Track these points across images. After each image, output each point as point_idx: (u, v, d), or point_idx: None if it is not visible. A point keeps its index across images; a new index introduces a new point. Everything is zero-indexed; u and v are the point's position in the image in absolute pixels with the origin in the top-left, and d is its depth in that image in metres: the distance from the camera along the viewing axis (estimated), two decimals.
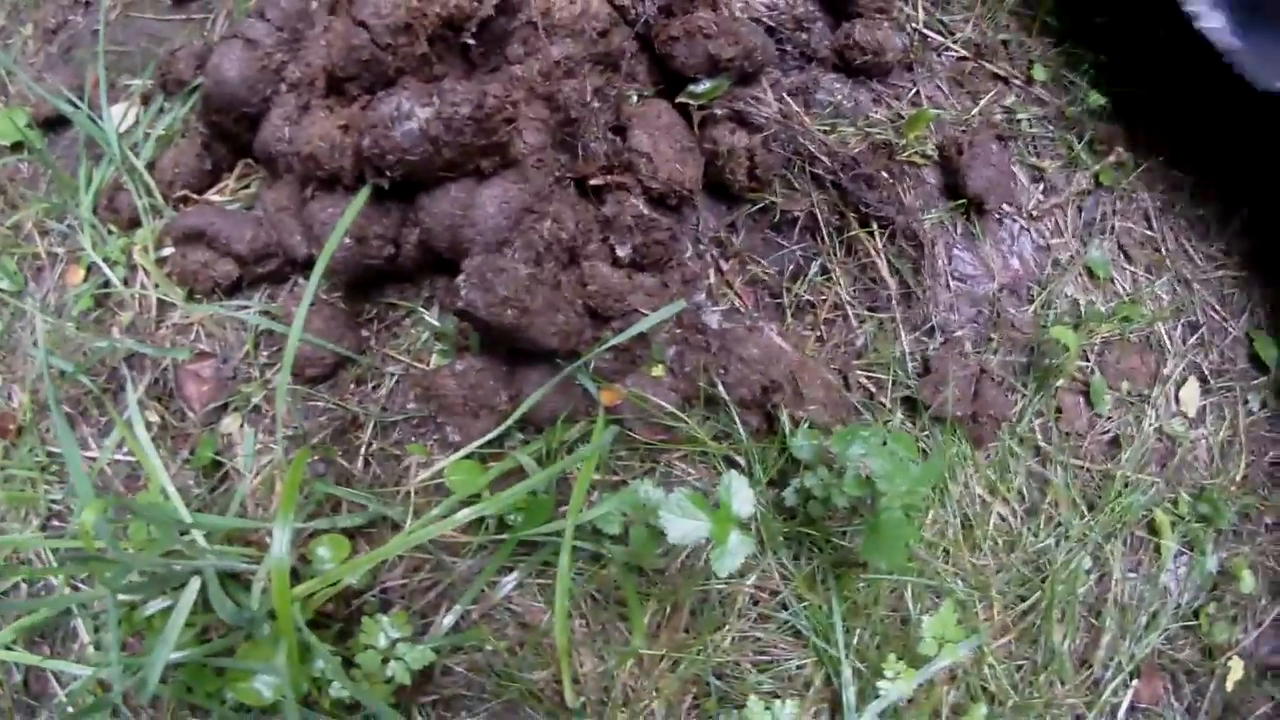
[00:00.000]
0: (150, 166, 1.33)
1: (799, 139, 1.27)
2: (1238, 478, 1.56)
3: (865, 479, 1.08)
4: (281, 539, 1.01)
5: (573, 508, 1.09)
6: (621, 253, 1.19)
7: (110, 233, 1.33)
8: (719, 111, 1.26)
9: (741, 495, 1.06)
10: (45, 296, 1.35)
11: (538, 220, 1.17)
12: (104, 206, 1.32)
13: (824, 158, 1.28)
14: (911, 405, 1.29)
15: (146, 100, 1.38)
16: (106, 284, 1.31)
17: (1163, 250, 1.54)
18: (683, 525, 1.04)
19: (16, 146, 1.44)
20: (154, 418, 1.26)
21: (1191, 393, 1.55)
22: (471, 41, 1.18)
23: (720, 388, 1.20)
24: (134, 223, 1.31)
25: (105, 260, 1.30)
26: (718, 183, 1.27)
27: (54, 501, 1.33)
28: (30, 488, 1.33)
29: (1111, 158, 1.50)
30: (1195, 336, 1.56)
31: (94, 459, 1.30)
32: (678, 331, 1.22)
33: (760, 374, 1.20)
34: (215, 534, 1.16)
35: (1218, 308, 1.60)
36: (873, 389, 1.28)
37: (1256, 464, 1.61)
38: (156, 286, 1.28)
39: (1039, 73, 1.47)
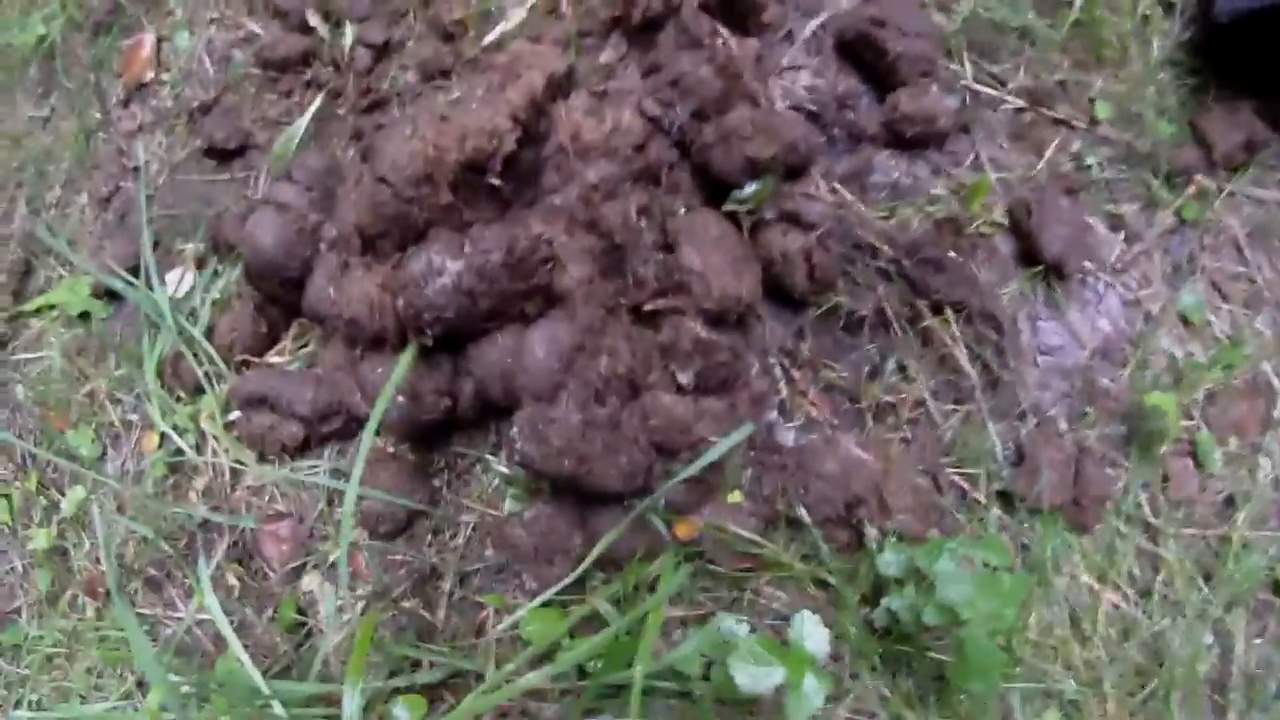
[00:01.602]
0: (209, 332, 1.27)
1: (856, 231, 1.14)
2: None
3: (946, 607, 0.97)
4: (351, 706, 0.94)
5: (640, 656, 0.99)
6: (683, 380, 1.09)
7: (178, 400, 1.28)
8: (769, 214, 1.14)
9: (815, 635, 0.97)
10: (123, 464, 1.31)
11: (592, 357, 1.07)
12: (169, 374, 1.27)
13: (885, 247, 1.15)
14: (1008, 499, 1.16)
15: (201, 263, 1.33)
16: (180, 451, 1.26)
17: (1259, 280, 1.36)
18: (754, 673, 0.95)
19: (84, 315, 1.40)
20: (234, 580, 1.21)
21: None
22: (498, 182, 1.09)
23: (801, 509, 1.08)
24: (198, 389, 1.25)
25: (175, 428, 1.25)
26: (778, 289, 1.15)
27: None
28: (124, 647, 1.29)
29: (1191, 189, 1.33)
30: None
31: (180, 618, 1.25)
32: (751, 454, 1.11)
33: (842, 490, 1.09)
34: (295, 697, 1.10)
35: None
36: (966, 486, 1.15)
37: None
38: (227, 452, 1.22)
39: (1102, 110, 1.30)
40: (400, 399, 1.08)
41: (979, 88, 1.26)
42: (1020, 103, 1.28)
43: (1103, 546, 1.18)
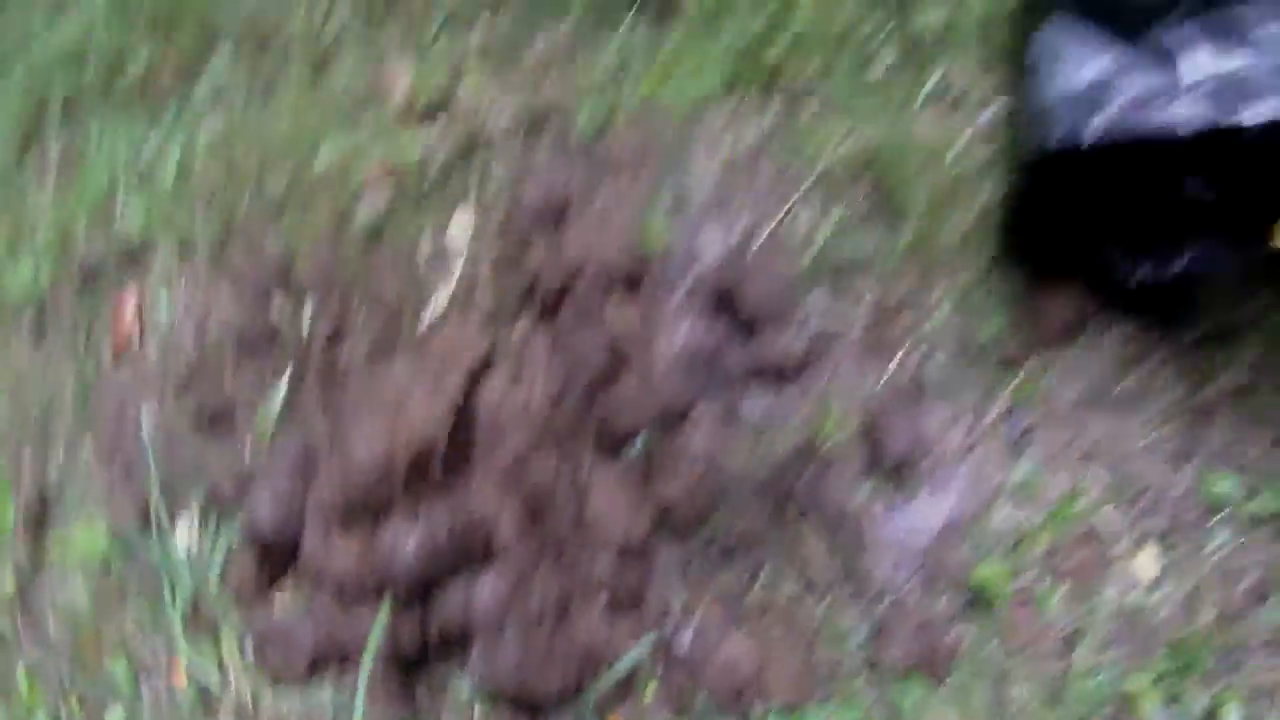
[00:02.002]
0: (221, 574, 1.84)
1: (731, 462, 1.70)
2: (1211, 620, 1.91)
3: None
4: None
5: None
6: (600, 604, 1.65)
7: (200, 632, 1.85)
8: (659, 458, 1.70)
9: None
10: (157, 691, 1.88)
11: (527, 595, 1.64)
12: (189, 616, 1.85)
13: (756, 472, 1.71)
14: (873, 665, 1.72)
15: (205, 514, 1.90)
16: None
17: (1091, 439, 1.91)
18: None
19: (103, 558, 1.97)
20: None
21: (1148, 559, 1.90)
22: (440, 467, 1.66)
23: (700, 698, 1.65)
24: (216, 628, 1.83)
25: (199, 663, 1.83)
26: (671, 520, 1.71)
27: None
28: None
29: (1023, 372, 1.87)
30: (1140, 504, 1.91)
31: None
32: (659, 656, 1.68)
33: (731, 678, 1.65)
34: None
35: (1159, 468, 1.94)
36: (836, 660, 1.71)
37: (1229, 597, 1.94)
38: (248, 683, 1.80)
39: (940, 315, 1.85)
40: (380, 643, 1.65)
41: (832, 316, 1.82)
42: (868, 322, 1.83)
43: (957, 694, 1.74)
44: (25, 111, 2.58)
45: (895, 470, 1.78)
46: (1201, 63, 1.64)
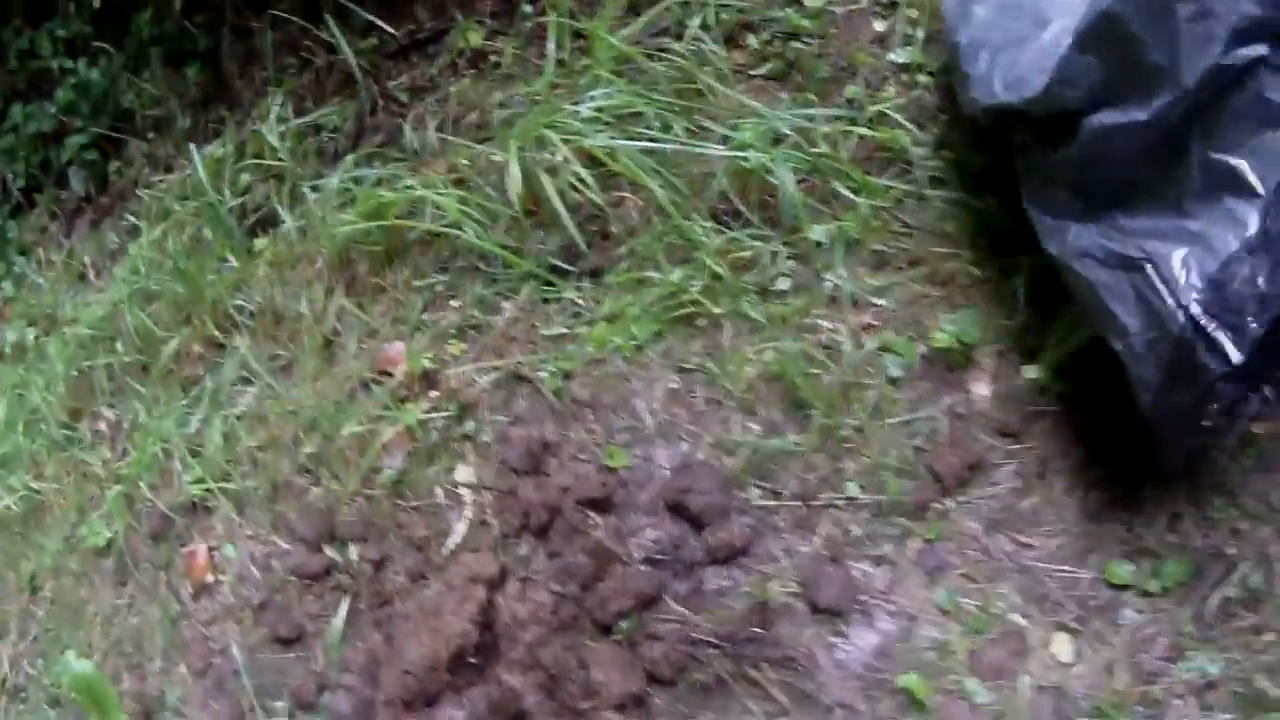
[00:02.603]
0: None
1: (696, 629, 2.64)
2: (1129, 682, 2.71)
3: None
4: None
5: None
6: None
7: None
8: (639, 635, 2.63)
9: None
10: None
11: None
12: None
13: (720, 631, 2.63)
14: None
15: (293, 712, 2.83)
16: None
17: (1001, 557, 2.80)
18: None
19: None
20: None
21: (1062, 644, 2.75)
22: (476, 659, 2.60)
23: None
24: None
25: None
26: (658, 675, 2.63)
27: None
28: None
29: (930, 516, 2.78)
30: (1049, 601, 2.78)
31: None
32: None
33: None
34: None
35: (1063, 569, 2.83)
36: None
37: (1146, 661, 2.73)
38: None
39: (852, 488, 2.77)
40: None
41: (763, 503, 2.75)
42: (795, 504, 2.75)
43: None
44: (70, 386, 3.59)
45: (831, 614, 2.69)
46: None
